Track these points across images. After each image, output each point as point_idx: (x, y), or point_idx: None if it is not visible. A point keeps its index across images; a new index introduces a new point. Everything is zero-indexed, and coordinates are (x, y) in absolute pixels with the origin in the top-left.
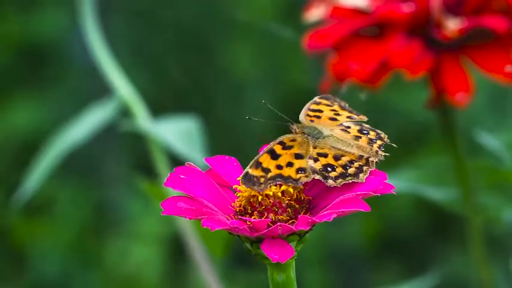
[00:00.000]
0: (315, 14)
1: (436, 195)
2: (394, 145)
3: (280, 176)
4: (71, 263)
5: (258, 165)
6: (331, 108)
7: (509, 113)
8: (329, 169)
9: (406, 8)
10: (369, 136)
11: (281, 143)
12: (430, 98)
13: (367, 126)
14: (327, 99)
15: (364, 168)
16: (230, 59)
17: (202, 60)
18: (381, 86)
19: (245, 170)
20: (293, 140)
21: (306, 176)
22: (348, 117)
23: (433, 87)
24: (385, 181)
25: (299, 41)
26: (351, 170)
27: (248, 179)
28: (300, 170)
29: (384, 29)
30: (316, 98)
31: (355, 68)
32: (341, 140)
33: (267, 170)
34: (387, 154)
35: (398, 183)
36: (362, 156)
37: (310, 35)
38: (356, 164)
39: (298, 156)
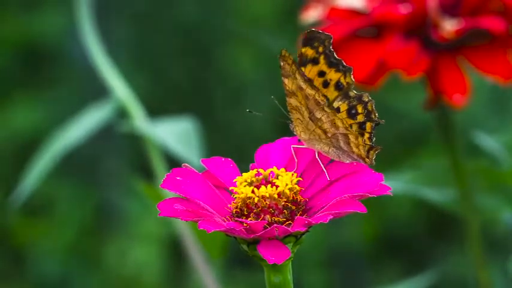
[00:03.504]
0: (312, 15)
1: (435, 196)
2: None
3: None
4: (70, 263)
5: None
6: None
7: (509, 114)
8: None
9: (403, 9)
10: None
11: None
12: (427, 99)
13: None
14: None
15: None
16: (230, 61)
17: (202, 62)
18: (379, 86)
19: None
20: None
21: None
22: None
23: (431, 88)
24: (382, 182)
25: (296, 43)
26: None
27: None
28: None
29: (381, 30)
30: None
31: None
32: None
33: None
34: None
35: (397, 184)
36: None
37: None
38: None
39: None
